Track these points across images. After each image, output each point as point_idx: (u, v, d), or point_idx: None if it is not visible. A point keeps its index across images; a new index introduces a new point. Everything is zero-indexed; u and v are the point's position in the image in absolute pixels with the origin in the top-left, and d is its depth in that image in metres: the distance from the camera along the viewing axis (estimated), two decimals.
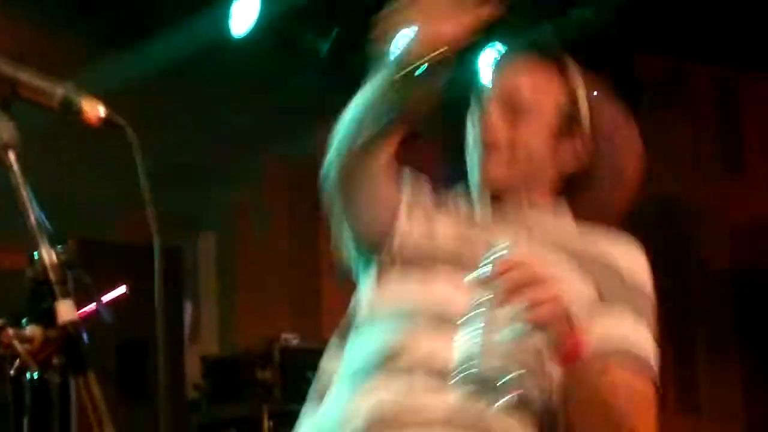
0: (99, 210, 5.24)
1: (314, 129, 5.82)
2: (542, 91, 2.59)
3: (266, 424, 5.75)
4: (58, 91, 1.90)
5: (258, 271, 6.46)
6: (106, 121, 1.91)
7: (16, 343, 3.22)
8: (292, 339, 6.03)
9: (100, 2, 6.05)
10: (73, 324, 1.74)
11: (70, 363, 1.76)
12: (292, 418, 5.44)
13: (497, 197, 2.54)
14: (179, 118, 5.48)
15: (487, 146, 2.54)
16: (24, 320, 2.83)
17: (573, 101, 2.56)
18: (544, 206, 2.58)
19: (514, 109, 2.54)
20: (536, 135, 2.54)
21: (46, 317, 1.81)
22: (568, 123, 2.54)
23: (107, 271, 4.61)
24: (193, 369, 6.16)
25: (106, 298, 4.28)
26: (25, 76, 1.88)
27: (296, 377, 5.69)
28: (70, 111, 1.90)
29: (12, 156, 1.83)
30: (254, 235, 6.58)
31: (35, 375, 3.59)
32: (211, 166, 5.78)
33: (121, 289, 4.49)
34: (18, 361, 3.73)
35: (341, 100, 2.56)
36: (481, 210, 2.59)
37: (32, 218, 1.79)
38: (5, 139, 1.85)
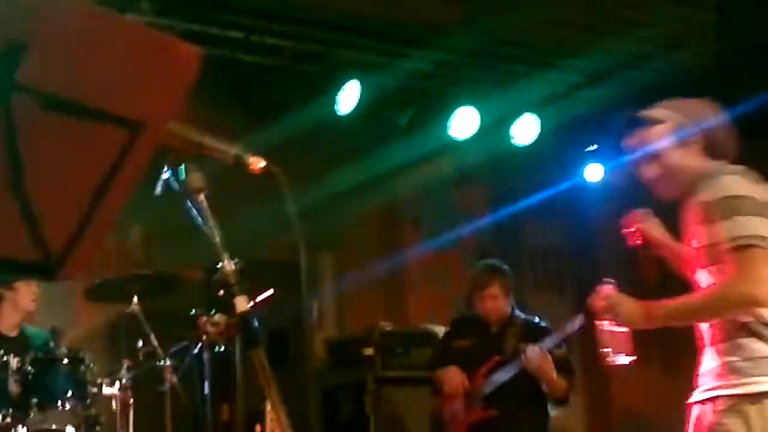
0: (255, 236, 5.23)
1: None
2: None
3: (369, 387, 5.95)
4: (233, 150, 2.15)
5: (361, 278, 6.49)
6: (265, 170, 2.18)
7: (208, 326, 3.81)
8: (387, 326, 6.21)
9: (250, 93, 6.23)
10: (247, 313, 2.08)
11: (246, 341, 2.10)
12: (388, 382, 5.84)
13: None
14: (306, 171, 5.42)
15: None
16: (212, 310, 3.33)
17: None
18: None
19: None
20: None
21: (227, 309, 2.15)
22: None
23: (260, 279, 4.91)
24: (318, 348, 6.43)
25: (260, 298, 4.72)
26: (209, 141, 2.12)
27: (390, 353, 6.05)
28: (240, 164, 2.15)
29: (202, 197, 2.11)
30: (357, 254, 6.68)
31: (219, 349, 4.06)
32: (326, 206, 5.82)
33: (269, 292, 4.50)
34: (206, 339, 4.28)
35: None
36: None
37: (217, 240, 2.10)
38: (198, 185, 2.12)
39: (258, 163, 2.15)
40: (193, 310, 4.10)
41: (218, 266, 2.09)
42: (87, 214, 1.87)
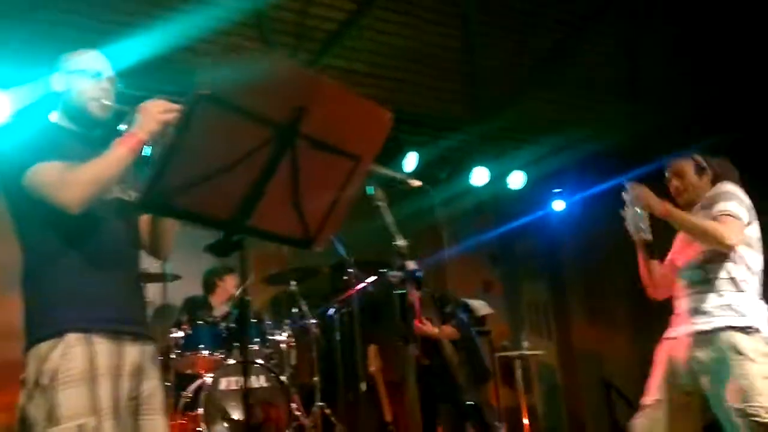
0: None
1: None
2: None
3: None
4: (398, 174, 2.11)
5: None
6: (419, 188, 2.15)
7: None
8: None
9: None
10: (415, 269, 1.96)
11: (415, 284, 1.95)
12: None
13: None
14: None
15: None
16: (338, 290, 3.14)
17: None
18: None
19: None
20: None
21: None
22: None
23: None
24: None
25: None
26: (380, 168, 2.03)
27: None
28: (402, 183, 2.13)
29: (383, 205, 2.01)
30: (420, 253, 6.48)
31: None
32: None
33: (372, 278, 4.50)
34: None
35: None
36: None
37: (399, 242, 1.99)
38: (381, 197, 2.04)
39: (415, 183, 2.14)
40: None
41: (343, 259, 1.85)
42: (329, 210, 1.92)
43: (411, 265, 2.00)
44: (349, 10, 5.24)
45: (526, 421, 5.52)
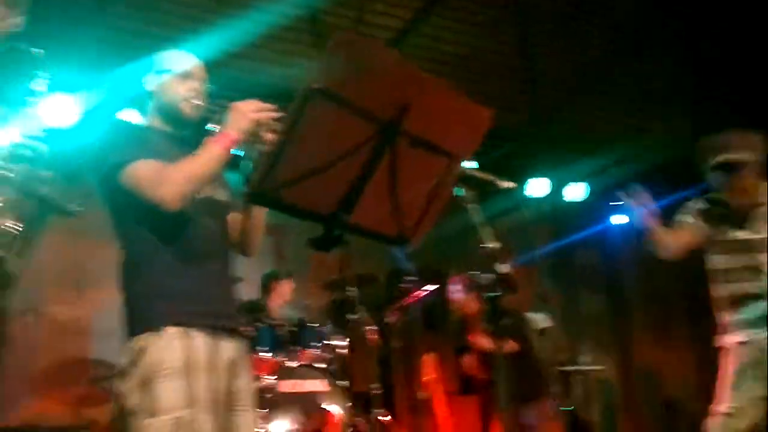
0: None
1: None
2: None
3: None
4: (489, 175, 2.02)
5: None
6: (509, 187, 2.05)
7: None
8: None
9: None
10: (507, 273, 1.91)
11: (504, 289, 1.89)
12: None
13: None
14: None
15: None
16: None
17: None
18: None
19: None
20: None
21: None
22: None
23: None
24: None
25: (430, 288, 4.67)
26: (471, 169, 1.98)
27: None
28: (492, 184, 2.03)
29: (474, 206, 1.97)
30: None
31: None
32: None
33: (433, 287, 4.57)
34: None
35: None
36: None
37: (490, 244, 1.93)
38: (470, 198, 1.97)
39: (507, 184, 2.11)
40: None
41: (400, 266, 1.80)
42: (425, 209, 1.92)
43: (503, 267, 1.96)
44: (405, 18, 5.26)
45: None
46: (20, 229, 1.68)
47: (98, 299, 4.51)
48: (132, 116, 3.90)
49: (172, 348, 1.87)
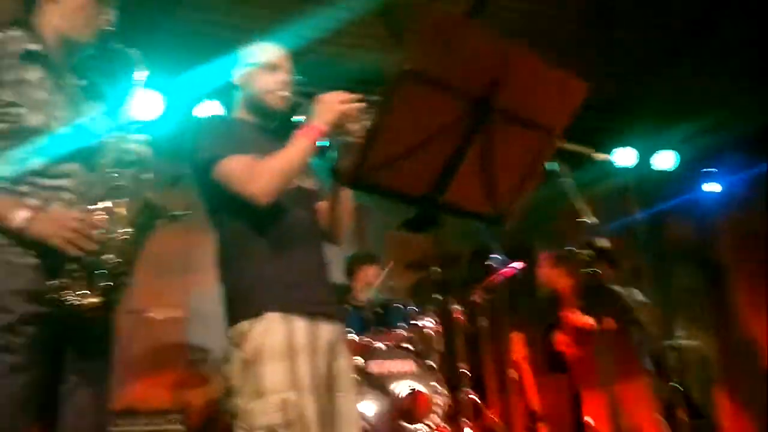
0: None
1: None
2: None
3: None
4: (583, 148, 2.10)
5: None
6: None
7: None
8: None
9: None
10: (608, 247, 1.94)
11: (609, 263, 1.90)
12: None
13: None
14: None
15: None
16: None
17: None
18: None
19: None
20: None
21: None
22: None
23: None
24: None
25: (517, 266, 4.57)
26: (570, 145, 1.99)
27: None
28: (587, 157, 2.12)
29: (569, 180, 2.00)
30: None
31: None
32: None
33: (520, 265, 4.45)
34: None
35: None
36: None
37: (588, 219, 1.98)
38: (566, 173, 2.03)
39: (602, 156, 2.06)
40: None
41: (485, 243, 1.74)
42: (519, 187, 1.89)
43: (602, 242, 1.94)
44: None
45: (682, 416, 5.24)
46: (131, 235, 1.75)
47: (193, 285, 4.69)
48: (214, 109, 3.94)
49: (274, 331, 1.91)
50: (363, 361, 4.13)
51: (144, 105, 4.39)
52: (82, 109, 1.87)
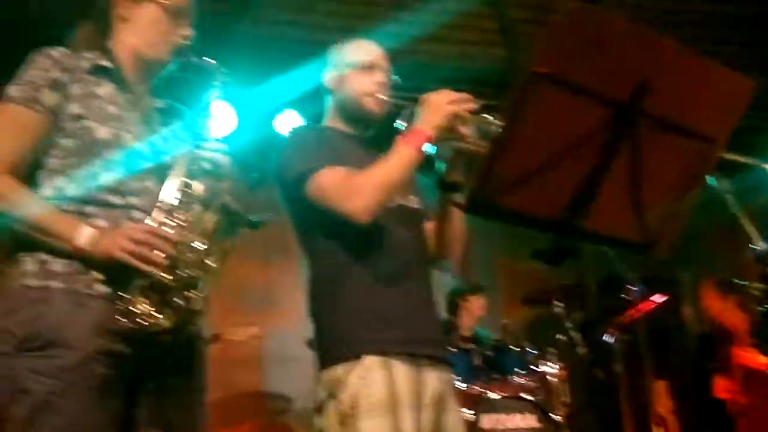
0: None
1: None
2: None
3: None
4: (748, 159, 1.97)
5: None
6: None
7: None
8: None
9: None
10: None
11: None
12: None
13: None
14: None
15: None
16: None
17: None
18: None
19: None
20: None
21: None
22: None
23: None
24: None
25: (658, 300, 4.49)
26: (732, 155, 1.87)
27: None
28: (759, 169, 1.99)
29: (732, 198, 1.95)
30: None
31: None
32: None
33: (663, 298, 4.37)
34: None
35: None
36: None
37: (759, 245, 1.90)
38: (728, 189, 1.96)
39: None
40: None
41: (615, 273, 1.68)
42: (674, 208, 1.83)
43: None
44: None
45: None
46: (206, 246, 1.79)
47: (273, 323, 4.79)
48: (293, 119, 3.99)
49: (373, 380, 1.91)
50: (474, 415, 4.10)
51: (220, 118, 4.62)
52: (157, 128, 1.95)
